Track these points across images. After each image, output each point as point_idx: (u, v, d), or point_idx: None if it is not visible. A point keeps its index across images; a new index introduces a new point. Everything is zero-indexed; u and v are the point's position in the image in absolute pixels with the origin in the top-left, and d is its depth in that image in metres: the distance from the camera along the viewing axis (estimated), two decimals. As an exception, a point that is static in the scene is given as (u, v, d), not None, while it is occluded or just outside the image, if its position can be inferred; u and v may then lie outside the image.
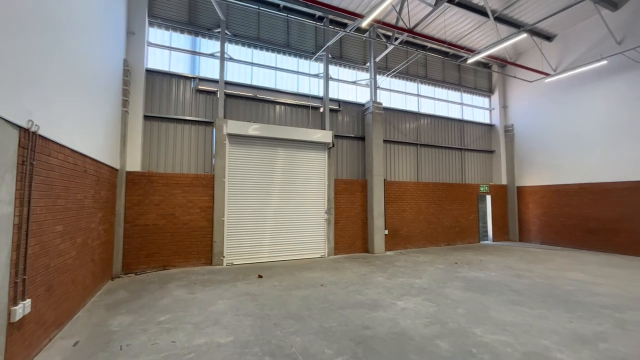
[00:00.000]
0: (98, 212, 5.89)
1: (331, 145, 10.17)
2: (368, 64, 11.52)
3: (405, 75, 12.54)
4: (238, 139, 9.04)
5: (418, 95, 12.82)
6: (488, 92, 14.66)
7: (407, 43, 12.26)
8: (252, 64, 9.79)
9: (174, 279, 7.02)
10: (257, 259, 9.03)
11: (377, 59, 11.40)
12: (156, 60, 8.68)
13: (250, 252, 8.97)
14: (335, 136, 10.70)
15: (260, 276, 7.35)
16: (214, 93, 9.13)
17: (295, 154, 9.80)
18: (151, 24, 8.61)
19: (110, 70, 6.44)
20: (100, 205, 6.02)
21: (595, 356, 3.60)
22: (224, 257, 8.58)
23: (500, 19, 11.19)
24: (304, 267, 8.44)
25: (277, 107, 10.00)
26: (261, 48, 9.98)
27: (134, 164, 7.90)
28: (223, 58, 9.15)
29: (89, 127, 5.20)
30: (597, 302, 5.48)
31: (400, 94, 12.44)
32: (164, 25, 8.78)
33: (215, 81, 9.14)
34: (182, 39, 9.02)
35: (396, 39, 11.03)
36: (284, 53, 10.32)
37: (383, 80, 11.98)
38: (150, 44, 8.57)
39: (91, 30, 5.17)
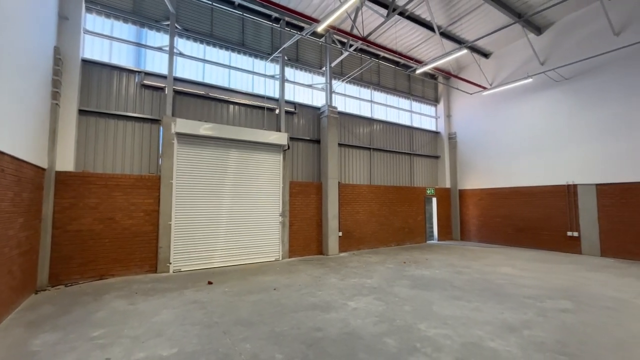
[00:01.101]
0: (18, 217, 5.19)
1: (287, 148, 10.12)
2: (324, 69, 11.69)
3: (360, 81, 12.96)
4: (188, 138, 8.60)
5: (371, 101, 13.31)
6: (434, 101, 15.72)
7: (361, 51, 12.68)
8: (204, 60, 9.39)
9: (113, 290, 6.43)
10: (208, 264, 8.64)
11: (333, 64, 11.64)
12: (95, 50, 7.92)
13: (200, 258, 8.55)
14: (291, 138, 10.68)
15: (210, 282, 7.03)
16: (161, 89, 8.58)
17: (249, 156, 9.59)
18: (89, 10, 7.85)
19: (36, 57, 5.74)
20: (21, 210, 5.31)
21: (520, 342, 4.01)
22: (170, 263, 8.07)
23: (445, 35, 12.08)
24: (257, 271, 8.27)
25: (231, 107, 9.70)
26: (214, 45, 9.62)
27: (66, 162, 7.11)
28: (172, 52, 8.66)
29: (5, 119, 4.57)
30: (523, 294, 6.12)
31: (354, 99, 12.82)
32: (105, 13, 8.05)
33: (163, 76, 8.60)
34: (125, 29, 8.35)
35: (351, 45, 11.35)
36: (239, 52, 10.07)
37: (338, 85, 12.25)
38: (88, 32, 7.80)
39: (6, 6, 4.56)
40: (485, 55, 13.98)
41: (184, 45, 9.12)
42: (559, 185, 11.39)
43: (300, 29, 11.09)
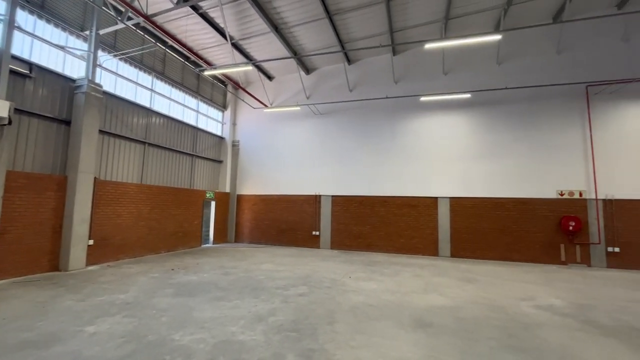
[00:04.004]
0: None
1: (7, 122, 7.07)
2: (88, 32, 9.24)
3: (140, 64, 11.22)
4: None
5: (152, 90, 11.82)
6: (222, 107, 16.06)
7: (144, 29, 11.04)
8: None
9: None
10: None
11: (102, 32, 9.42)
12: None
13: None
14: (18, 111, 7.61)
15: None
16: None
17: None
18: None
19: None
20: None
21: (265, 329, 4.66)
22: None
23: (237, 47, 12.71)
24: None
25: None
26: None
27: None
28: None
29: None
30: (275, 285, 7.21)
31: (130, 82, 10.92)
32: None
33: None
34: None
35: (130, 18, 9.64)
36: None
37: (108, 60, 10.04)
38: None
39: None
40: (270, 77, 15.86)
41: None
42: (310, 195, 14.49)
43: (53, -32, 8.27)
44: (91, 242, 9.02)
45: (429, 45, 8.24)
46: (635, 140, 10.70)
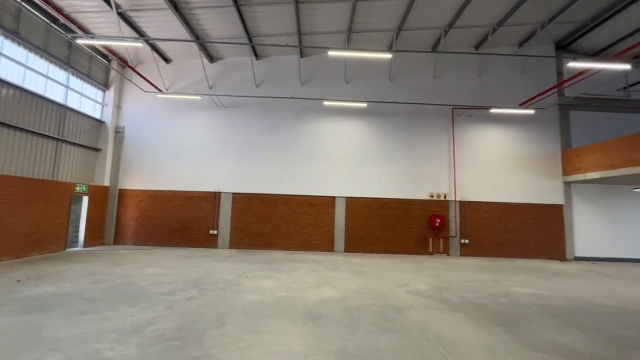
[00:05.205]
0: None
1: None
2: None
3: (-24, 14, 8.58)
4: None
5: (-3, 51, 9.19)
6: (104, 85, 13.64)
7: (-14, -29, 8.50)
8: None
9: None
10: None
11: None
12: None
13: None
14: None
15: None
16: None
17: None
18: None
19: None
20: None
21: (141, 341, 4.12)
22: None
23: (125, 19, 10.96)
24: None
25: None
26: None
27: None
28: None
29: None
30: (160, 291, 6.49)
31: (-41, 36, 8.24)
32: None
33: None
34: None
35: (-38, -48, 7.28)
36: None
37: None
38: None
39: None
40: (166, 60, 14.23)
41: None
42: (209, 191, 13.60)
43: None
44: None
45: (332, 53, 8.73)
46: (482, 155, 13.62)
